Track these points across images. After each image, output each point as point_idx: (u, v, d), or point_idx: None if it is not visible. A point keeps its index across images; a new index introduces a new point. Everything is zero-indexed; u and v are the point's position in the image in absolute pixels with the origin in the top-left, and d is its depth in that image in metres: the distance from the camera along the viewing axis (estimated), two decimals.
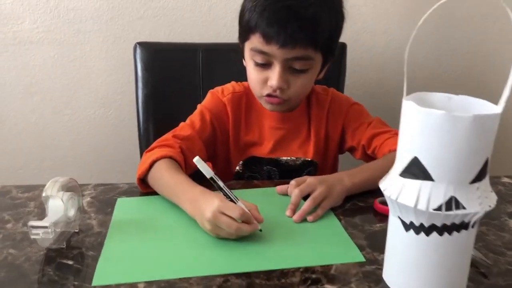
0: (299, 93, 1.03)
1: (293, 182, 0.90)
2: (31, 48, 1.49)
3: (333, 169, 1.19)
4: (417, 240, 0.60)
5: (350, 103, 1.15)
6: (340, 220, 0.85)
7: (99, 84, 1.56)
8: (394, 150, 0.75)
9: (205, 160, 1.09)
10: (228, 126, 1.10)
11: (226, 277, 0.67)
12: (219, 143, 1.10)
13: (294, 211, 0.86)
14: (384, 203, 0.90)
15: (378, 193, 0.88)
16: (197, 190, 0.82)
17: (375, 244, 0.77)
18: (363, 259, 0.72)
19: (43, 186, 0.75)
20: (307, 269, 0.70)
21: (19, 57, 1.50)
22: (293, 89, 1.00)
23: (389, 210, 0.65)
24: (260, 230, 0.78)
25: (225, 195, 0.78)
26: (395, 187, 0.60)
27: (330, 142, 1.14)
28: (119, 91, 1.58)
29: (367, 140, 1.08)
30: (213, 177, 0.79)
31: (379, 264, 0.71)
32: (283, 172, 1.11)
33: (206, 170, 0.79)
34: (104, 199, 0.92)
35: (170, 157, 0.93)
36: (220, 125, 1.09)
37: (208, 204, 0.75)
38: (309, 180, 0.89)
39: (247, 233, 0.76)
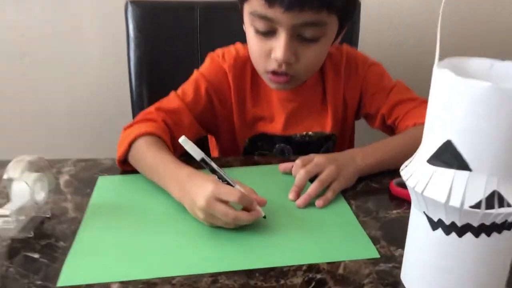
0: (310, 67, 0.87)
1: (298, 161, 0.78)
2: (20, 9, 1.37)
3: (351, 142, 1.07)
4: (446, 241, 0.49)
5: (368, 64, 0.99)
6: (350, 205, 0.74)
7: (91, 47, 1.44)
8: (420, 124, 0.64)
9: (201, 137, 0.98)
10: (230, 97, 0.95)
11: (216, 277, 0.57)
12: (220, 117, 0.96)
13: (298, 195, 0.75)
14: (402, 185, 0.78)
15: (395, 172, 0.78)
16: (184, 172, 0.71)
17: (391, 236, 0.66)
18: (378, 255, 0.62)
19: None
20: (311, 268, 0.59)
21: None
22: (303, 62, 0.84)
23: (411, 201, 0.53)
24: (264, 217, 0.67)
25: (220, 178, 0.67)
26: (421, 177, 0.49)
27: (348, 110, 1.00)
28: (111, 53, 1.45)
29: (389, 108, 0.95)
30: (204, 158, 0.67)
31: (397, 261, 0.60)
32: (298, 149, 0.98)
33: (195, 151, 0.68)
34: (84, 178, 0.81)
35: (152, 134, 0.81)
36: (219, 96, 0.95)
37: (200, 189, 0.65)
38: (317, 159, 0.77)
39: (248, 222, 0.65)
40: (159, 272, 0.58)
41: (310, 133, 0.97)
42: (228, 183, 0.67)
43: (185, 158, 0.76)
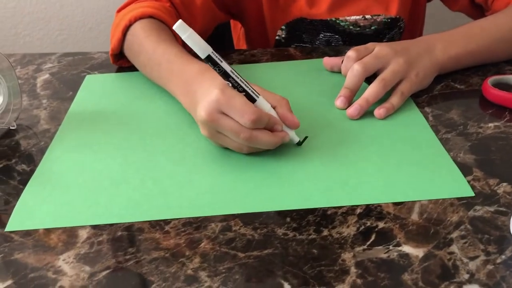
0: None
1: (350, 52, 0.55)
2: None
3: (421, 31, 0.81)
4: None
5: None
6: (426, 116, 0.52)
7: None
8: None
9: (220, 22, 0.75)
10: None
11: (228, 221, 0.39)
12: None
13: (349, 101, 0.53)
14: (502, 85, 0.55)
15: (489, 68, 0.55)
16: (194, 68, 0.51)
17: (489, 163, 0.44)
18: (471, 193, 0.41)
19: None
20: (369, 211, 0.40)
21: None
22: None
23: None
24: (299, 143, 0.47)
25: (236, 87, 0.45)
26: None
27: None
28: None
29: None
30: (212, 56, 0.44)
31: (501, 203, 0.40)
32: (351, 41, 0.73)
33: (197, 44, 0.44)
34: (67, 77, 0.62)
35: (152, 16, 0.60)
36: None
37: (203, 95, 0.45)
38: (378, 49, 0.54)
39: (269, 147, 0.45)
40: (148, 213, 0.40)
41: (367, 16, 0.71)
42: (247, 94, 0.45)
43: None
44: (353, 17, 0.71)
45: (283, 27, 0.73)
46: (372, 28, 0.72)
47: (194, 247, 0.37)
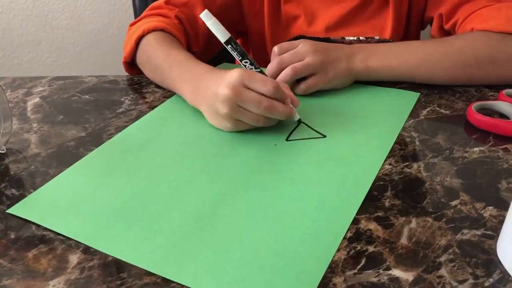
0: None
1: (275, 48, 0.61)
2: None
3: None
4: None
5: None
6: (413, 141, 0.53)
7: None
8: (481, 31, 0.60)
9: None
10: None
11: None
12: (246, 14, 0.77)
13: None
14: (486, 110, 0.57)
15: (475, 94, 0.57)
16: (201, 68, 0.56)
17: (476, 187, 0.45)
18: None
19: None
20: (359, 234, 0.40)
21: None
22: None
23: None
24: (299, 122, 0.54)
25: (252, 64, 0.57)
26: None
27: (413, 10, 0.76)
28: None
29: (451, 7, 0.70)
30: (231, 38, 0.54)
31: (488, 227, 0.41)
32: None
33: (219, 29, 0.54)
34: (58, 101, 0.63)
35: (163, 29, 0.66)
36: None
37: (223, 80, 0.50)
38: (301, 46, 0.60)
39: (283, 116, 0.51)
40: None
41: (361, 38, 0.73)
42: (261, 71, 0.56)
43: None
44: (348, 38, 0.73)
45: None
46: None
47: None
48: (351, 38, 0.73)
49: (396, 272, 0.36)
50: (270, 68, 0.60)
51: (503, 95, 0.58)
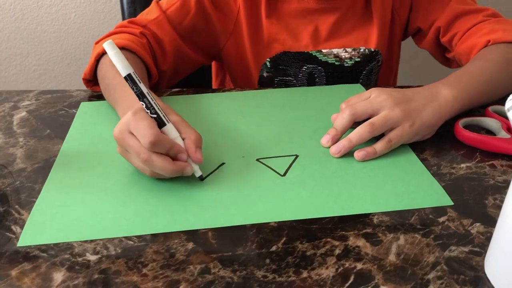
0: None
1: (343, 104, 0.56)
2: None
3: (397, 68, 0.85)
4: None
5: None
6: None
7: None
8: (498, 42, 0.57)
9: (198, 65, 0.77)
10: (236, 4, 0.72)
11: (205, 263, 0.39)
12: (219, 36, 0.74)
13: (334, 140, 0.54)
14: (473, 126, 0.58)
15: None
16: (132, 97, 0.51)
17: (463, 203, 0.46)
18: (451, 202, 0.45)
19: None
20: (347, 251, 0.40)
21: None
22: None
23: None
24: (201, 178, 0.48)
25: (148, 109, 0.47)
26: None
27: (396, 21, 0.77)
28: None
29: (448, 20, 0.71)
30: (132, 75, 0.46)
31: (475, 244, 0.41)
32: (332, 72, 0.76)
33: (121, 62, 0.46)
34: (45, 115, 0.62)
35: (124, 47, 0.62)
36: (219, 5, 0.72)
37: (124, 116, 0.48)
38: (375, 95, 0.54)
39: (164, 172, 0.45)
40: (155, 227, 0.43)
41: (348, 49, 0.74)
42: (159, 118, 0.47)
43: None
44: (335, 50, 0.74)
45: (267, 62, 0.75)
46: (354, 58, 0.75)
47: None
48: (338, 50, 0.73)
49: None
50: (341, 121, 0.53)
51: (489, 112, 0.59)
